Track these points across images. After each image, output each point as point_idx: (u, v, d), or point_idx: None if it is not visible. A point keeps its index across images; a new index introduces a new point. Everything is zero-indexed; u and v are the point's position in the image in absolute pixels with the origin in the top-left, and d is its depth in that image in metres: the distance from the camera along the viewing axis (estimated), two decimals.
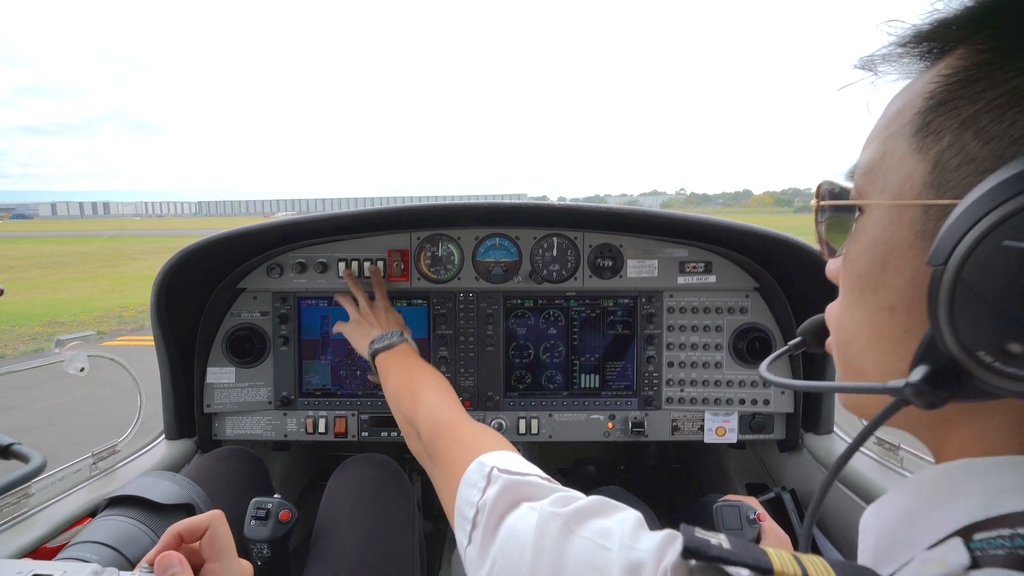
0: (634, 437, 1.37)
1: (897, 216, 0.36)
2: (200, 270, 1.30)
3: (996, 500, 0.32)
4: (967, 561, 0.30)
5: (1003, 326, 0.29)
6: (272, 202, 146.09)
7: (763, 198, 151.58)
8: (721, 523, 0.94)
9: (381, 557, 1.06)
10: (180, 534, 0.55)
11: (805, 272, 1.20)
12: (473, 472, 0.63)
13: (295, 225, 1.26)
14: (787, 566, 0.33)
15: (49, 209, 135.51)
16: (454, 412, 0.87)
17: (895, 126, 0.38)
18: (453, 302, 1.39)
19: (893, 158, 0.37)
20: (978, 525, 0.31)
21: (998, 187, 0.29)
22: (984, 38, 0.33)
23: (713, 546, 0.36)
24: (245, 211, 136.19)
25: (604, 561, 0.43)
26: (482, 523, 0.56)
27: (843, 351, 0.44)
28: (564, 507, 0.50)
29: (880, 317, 0.38)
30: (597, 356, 1.40)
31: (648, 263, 1.37)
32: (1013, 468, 0.33)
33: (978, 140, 0.32)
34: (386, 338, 1.13)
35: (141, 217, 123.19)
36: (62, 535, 0.98)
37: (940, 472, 0.37)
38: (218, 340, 1.37)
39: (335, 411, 1.40)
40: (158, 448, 1.32)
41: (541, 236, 1.38)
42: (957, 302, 0.30)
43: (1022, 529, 0.29)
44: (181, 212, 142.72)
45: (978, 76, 0.33)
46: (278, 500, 1.02)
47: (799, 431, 1.35)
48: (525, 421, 1.39)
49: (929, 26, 0.35)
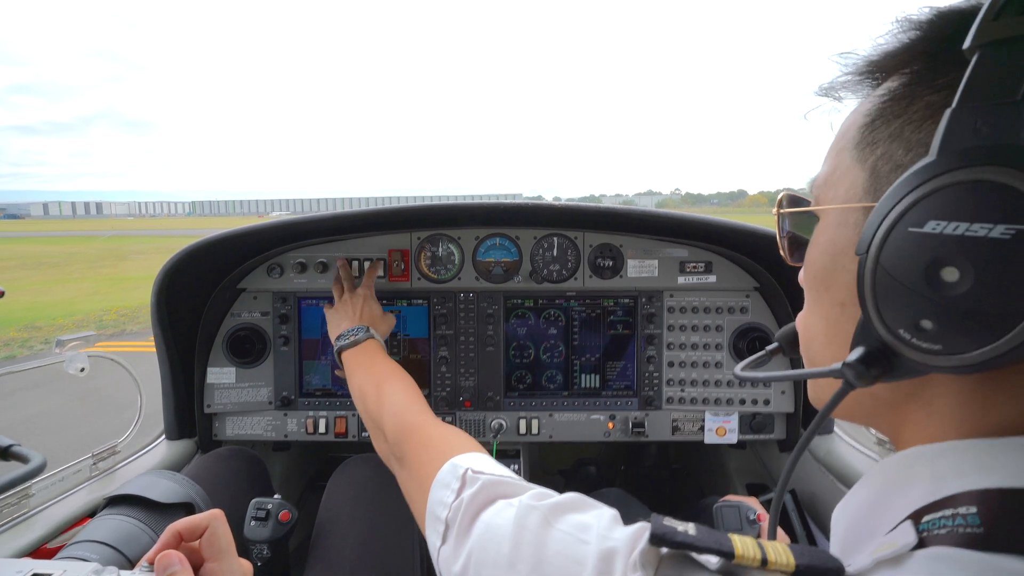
0: (634, 437, 1.37)
1: (844, 219, 0.41)
2: (200, 270, 1.30)
3: (941, 484, 0.34)
4: (914, 541, 0.32)
5: (915, 304, 0.33)
6: (268, 202, 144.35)
7: (758, 198, 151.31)
8: (721, 524, 0.94)
9: (381, 557, 1.06)
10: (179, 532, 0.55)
11: None
12: (446, 474, 0.64)
13: (295, 225, 1.26)
14: (748, 550, 0.35)
15: (41, 209, 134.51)
16: (420, 414, 0.87)
17: (843, 142, 0.43)
18: (453, 302, 1.39)
19: (841, 169, 0.42)
20: (926, 508, 0.34)
21: (904, 182, 0.33)
22: (911, 66, 0.38)
23: (679, 532, 0.38)
24: (240, 211, 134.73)
25: (582, 554, 0.44)
26: (456, 521, 0.57)
27: (807, 350, 0.49)
28: (542, 501, 0.52)
29: (833, 313, 0.42)
30: (597, 356, 1.40)
31: (648, 263, 1.37)
32: (955, 452, 0.35)
33: (903, 148, 0.37)
34: (351, 334, 1.12)
35: (134, 217, 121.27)
36: (62, 535, 0.98)
37: (894, 461, 0.39)
38: (218, 340, 1.37)
39: (335, 411, 1.39)
40: (158, 448, 1.32)
41: (541, 236, 1.38)
42: (879, 286, 0.34)
43: (962, 509, 0.32)
44: (175, 212, 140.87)
45: (903, 95, 0.38)
46: (278, 500, 1.02)
47: (799, 431, 1.35)
48: (525, 421, 1.39)
49: (877, 56, 0.41)
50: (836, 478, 1.18)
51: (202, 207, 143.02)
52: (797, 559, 0.35)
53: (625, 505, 1.16)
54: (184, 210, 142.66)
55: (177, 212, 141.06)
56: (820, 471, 1.24)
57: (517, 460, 1.40)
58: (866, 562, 0.35)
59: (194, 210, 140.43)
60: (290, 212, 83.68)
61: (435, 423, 0.84)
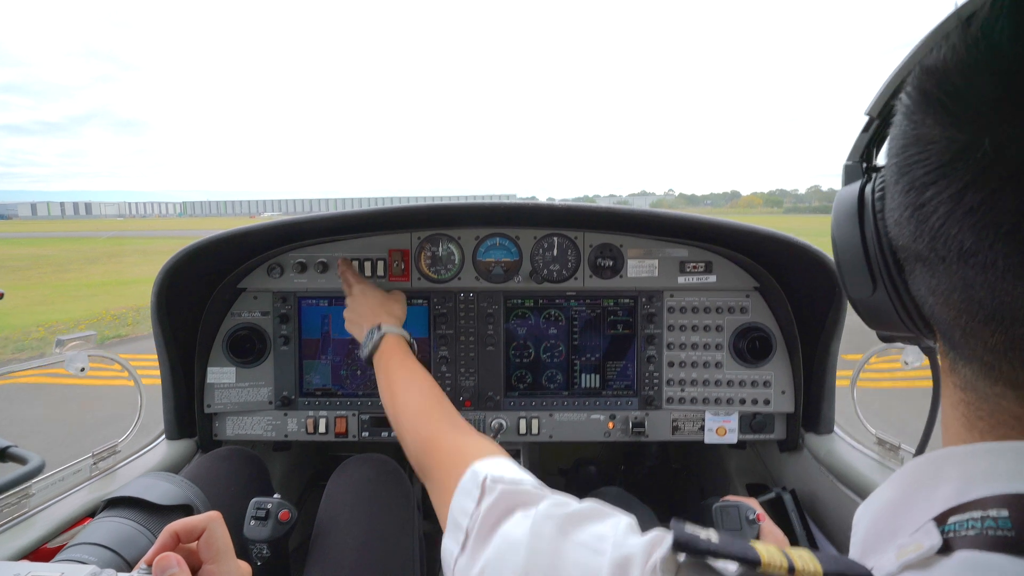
0: (634, 437, 1.37)
1: None
2: (200, 270, 1.29)
3: (970, 486, 0.33)
4: (939, 543, 0.31)
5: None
6: (260, 202, 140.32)
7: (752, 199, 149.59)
8: (721, 524, 0.94)
9: (381, 557, 1.05)
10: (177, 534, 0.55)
11: (805, 272, 1.20)
12: (468, 481, 0.63)
13: (295, 225, 1.26)
14: (774, 558, 0.35)
15: (29, 209, 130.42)
16: (435, 423, 0.87)
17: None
18: (453, 302, 1.39)
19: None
20: (953, 510, 0.33)
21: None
22: None
23: (702, 540, 0.37)
24: (232, 211, 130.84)
25: (597, 565, 0.44)
26: (475, 530, 0.56)
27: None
28: (558, 511, 0.51)
29: None
30: (597, 356, 1.40)
31: (648, 263, 1.37)
32: (987, 454, 0.34)
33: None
34: (367, 339, 1.11)
35: (124, 218, 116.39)
36: (62, 535, 0.98)
37: (923, 462, 0.38)
38: (218, 340, 1.37)
39: (335, 411, 1.39)
40: (158, 448, 1.32)
41: (541, 236, 1.37)
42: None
43: (993, 511, 0.30)
44: (166, 212, 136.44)
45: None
46: (278, 500, 1.02)
47: (800, 431, 1.35)
48: (525, 421, 1.39)
49: None
50: (836, 478, 1.18)
51: (193, 207, 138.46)
52: (824, 566, 0.34)
53: (625, 504, 1.16)
54: (175, 210, 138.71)
55: (168, 212, 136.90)
56: (820, 471, 1.24)
57: (517, 460, 1.39)
58: (892, 567, 0.34)
59: (185, 210, 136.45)
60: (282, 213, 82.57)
61: (452, 431, 0.84)
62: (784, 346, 1.34)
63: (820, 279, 1.16)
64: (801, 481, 1.31)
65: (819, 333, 1.23)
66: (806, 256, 1.16)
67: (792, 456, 1.38)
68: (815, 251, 1.14)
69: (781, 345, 1.34)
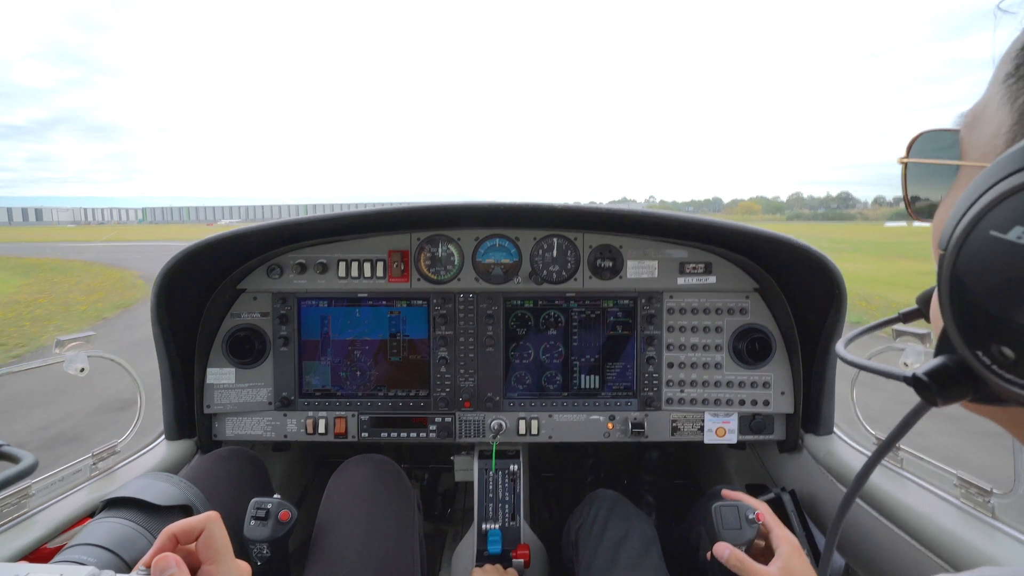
0: (634, 438, 1.37)
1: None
2: (200, 271, 1.29)
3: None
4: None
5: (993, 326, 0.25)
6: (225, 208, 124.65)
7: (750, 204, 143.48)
8: (720, 524, 0.94)
9: (381, 557, 1.05)
10: (175, 535, 0.55)
11: (805, 273, 1.20)
12: None
13: (295, 226, 1.26)
14: None
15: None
16: None
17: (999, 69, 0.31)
18: (453, 303, 1.39)
19: (991, 107, 0.32)
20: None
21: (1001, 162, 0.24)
22: None
23: None
24: (194, 218, 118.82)
25: None
26: None
27: (933, 320, 0.38)
28: None
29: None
30: (597, 357, 1.40)
31: (648, 264, 1.37)
32: None
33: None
34: None
35: (78, 224, 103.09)
36: (62, 535, 0.98)
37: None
38: (218, 341, 1.37)
39: (335, 412, 1.39)
40: (158, 449, 1.32)
41: (541, 237, 1.38)
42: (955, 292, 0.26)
43: None
44: (126, 219, 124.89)
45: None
46: (278, 500, 1.02)
47: (799, 432, 1.35)
48: (525, 422, 1.39)
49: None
50: (836, 478, 1.18)
51: (154, 214, 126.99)
52: None
53: (621, 508, 1.16)
54: (136, 216, 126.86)
55: (129, 219, 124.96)
56: (819, 472, 1.24)
57: (517, 460, 1.40)
58: None
59: (146, 217, 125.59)
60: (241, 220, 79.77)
61: None
62: (784, 347, 1.34)
63: (820, 281, 1.16)
64: (800, 482, 1.31)
65: (818, 334, 1.23)
66: (805, 257, 1.16)
67: (792, 457, 1.38)
68: (815, 253, 1.14)
69: (781, 346, 1.34)
